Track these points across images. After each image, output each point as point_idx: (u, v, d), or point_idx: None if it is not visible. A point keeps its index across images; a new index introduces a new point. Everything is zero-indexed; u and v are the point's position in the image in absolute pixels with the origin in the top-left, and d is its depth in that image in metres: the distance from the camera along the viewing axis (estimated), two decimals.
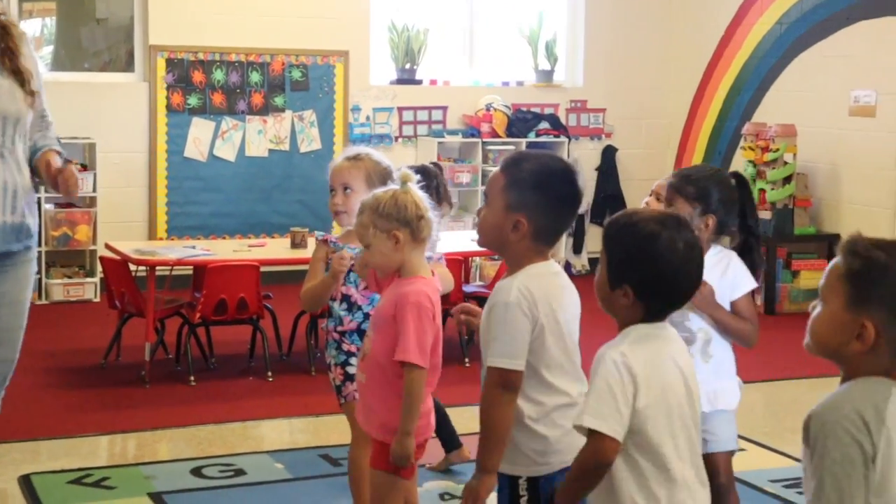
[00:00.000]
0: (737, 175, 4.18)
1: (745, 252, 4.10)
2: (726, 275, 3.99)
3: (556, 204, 3.14)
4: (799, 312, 9.26)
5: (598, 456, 2.70)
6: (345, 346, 4.33)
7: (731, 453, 4.17)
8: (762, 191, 9.42)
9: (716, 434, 4.05)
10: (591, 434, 2.69)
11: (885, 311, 2.28)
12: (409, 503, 3.95)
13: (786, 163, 9.35)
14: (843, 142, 9.35)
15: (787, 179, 9.37)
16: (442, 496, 5.18)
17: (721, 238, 4.10)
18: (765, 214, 9.41)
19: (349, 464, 4.38)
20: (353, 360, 4.26)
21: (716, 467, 4.06)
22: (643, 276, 2.73)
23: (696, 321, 3.97)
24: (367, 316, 4.29)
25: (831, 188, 9.50)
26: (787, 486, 5.36)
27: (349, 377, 4.30)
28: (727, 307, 4.00)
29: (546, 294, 3.10)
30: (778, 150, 9.32)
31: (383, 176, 4.40)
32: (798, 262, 9.44)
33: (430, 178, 5.46)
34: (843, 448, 2.26)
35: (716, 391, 4.00)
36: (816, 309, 2.40)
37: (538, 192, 3.12)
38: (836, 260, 2.37)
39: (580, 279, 6.06)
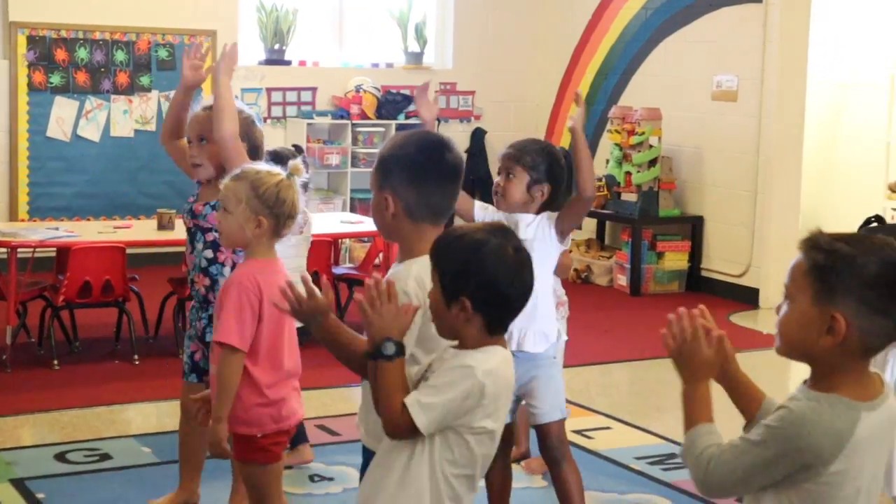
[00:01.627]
0: (566, 152, 4.42)
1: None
2: (553, 230, 4.22)
3: (417, 177, 3.03)
4: (664, 293, 9.44)
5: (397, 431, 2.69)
6: None
7: (560, 422, 4.27)
8: (628, 173, 9.57)
9: (538, 406, 4.21)
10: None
11: (854, 302, 2.25)
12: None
13: (651, 146, 9.50)
14: (707, 126, 9.54)
15: (653, 162, 9.52)
16: (311, 477, 5.16)
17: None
18: (630, 197, 9.57)
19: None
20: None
21: (544, 437, 4.20)
22: (479, 283, 2.64)
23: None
24: None
25: (695, 171, 9.68)
26: (651, 463, 5.46)
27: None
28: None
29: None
30: (643, 133, 9.47)
31: (243, 126, 4.36)
32: (663, 243, 9.61)
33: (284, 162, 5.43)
34: (781, 447, 2.28)
35: (524, 331, 4.14)
36: (783, 309, 2.36)
37: (398, 167, 3.04)
38: (798, 257, 2.34)
39: None
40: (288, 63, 10.34)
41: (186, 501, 4.69)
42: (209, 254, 4.39)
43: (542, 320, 4.18)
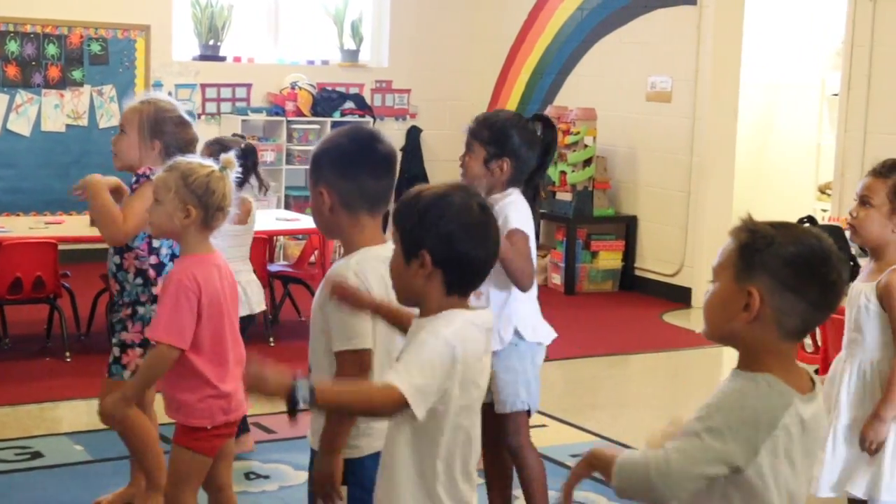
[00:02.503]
0: (542, 118, 4.21)
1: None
2: (504, 210, 3.95)
3: (350, 167, 3.04)
4: (598, 292, 9.50)
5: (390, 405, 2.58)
6: None
7: (522, 413, 4.18)
8: (563, 173, 9.61)
9: (498, 394, 4.11)
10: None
11: (768, 278, 2.30)
12: (223, 485, 3.93)
13: (586, 146, 9.56)
14: (641, 126, 9.61)
15: (587, 162, 9.58)
16: (247, 475, 5.13)
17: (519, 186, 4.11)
18: (565, 196, 9.61)
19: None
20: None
21: (502, 428, 4.14)
22: (438, 235, 2.59)
23: None
24: None
25: (629, 171, 9.75)
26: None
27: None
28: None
29: (380, 277, 3.00)
30: (578, 133, 9.52)
31: (153, 124, 4.34)
32: (597, 242, 9.66)
33: (248, 157, 5.42)
34: (728, 421, 2.27)
35: (500, 323, 4.04)
36: (709, 289, 2.41)
37: (329, 160, 3.07)
38: (727, 241, 2.38)
39: None
40: (223, 59, 10.27)
41: (136, 495, 4.66)
42: (117, 259, 4.38)
43: (511, 315, 4.10)
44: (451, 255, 2.60)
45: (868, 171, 3.87)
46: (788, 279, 2.30)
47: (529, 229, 4.06)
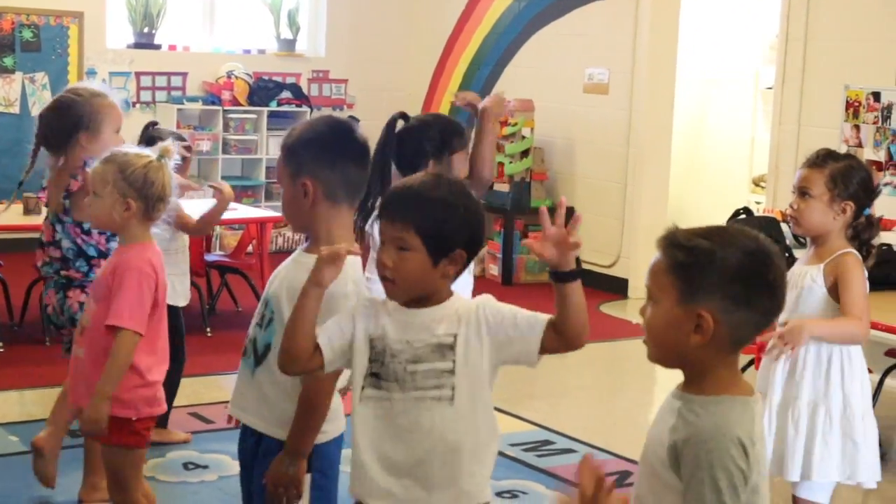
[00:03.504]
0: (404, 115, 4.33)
1: None
2: None
3: (334, 156, 3.02)
4: (535, 283, 9.53)
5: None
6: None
7: None
8: (500, 164, 9.63)
9: None
10: None
11: (719, 297, 2.19)
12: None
13: (523, 137, 9.58)
14: (578, 118, 9.65)
15: (525, 153, 9.60)
16: (186, 465, 5.10)
17: None
18: (502, 187, 9.63)
19: None
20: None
21: None
22: (472, 236, 2.67)
23: None
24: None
25: (566, 162, 9.78)
26: (526, 450, 5.51)
27: None
28: None
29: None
30: (516, 124, 9.54)
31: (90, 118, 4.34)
32: (535, 234, 9.66)
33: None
34: (731, 478, 2.15)
35: None
36: (648, 311, 2.29)
37: (311, 151, 3.02)
38: (656, 256, 2.27)
39: None
40: (157, 47, 10.17)
41: (90, 493, 4.60)
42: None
43: None
44: (477, 243, 2.70)
45: (803, 163, 3.90)
46: (738, 294, 2.20)
47: None
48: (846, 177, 3.78)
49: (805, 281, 3.83)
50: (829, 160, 3.83)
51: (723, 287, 2.19)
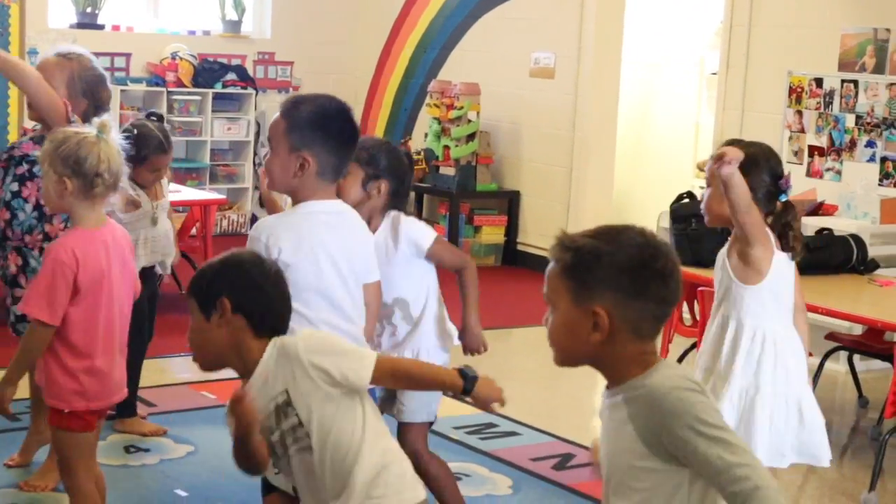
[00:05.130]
0: (407, 154, 4.28)
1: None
2: (399, 238, 3.99)
3: (337, 141, 3.32)
4: (481, 267, 9.45)
5: None
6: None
7: (424, 424, 4.19)
8: (446, 147, 9.62)
9: (405, 404, 4.12)
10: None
11: (611, 292, 2.23)
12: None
13: (469, 121, 9.58)
14: (524, 102, 9.66)
15: (471, 137, 9.60)
16: (127, 448, 5.07)
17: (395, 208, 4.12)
18: (448, 171, 9.63)
19: None
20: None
21: (403, 434, 4.12)
22: (236, 285, 2.80)
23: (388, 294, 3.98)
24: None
25: (512, 146, 9.80)
26: (469, 433, 5.53)
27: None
28: (414, 268, 4.04)
29: (297, 229, 3.17)
30: (462, 107, 9.53)
31: (91, 83, 4.26)
32: (480, 217, 9.70)
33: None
34: (711, 415, 2.19)
35: (417, 345, 4.09)
36: (549, 319, 2.33)
37: (319, 130, 3.29)
38: (550, 264, 2.32)
39: None
40: (101, 27, 10.07)
41: (40, 441, 4.57)
42: (14, 187, 4.29)
43: (428, 335, 4.14)
44: (249, 300, 2.80)
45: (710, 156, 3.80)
46: (630, 287, 2.24)
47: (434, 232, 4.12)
48: (754, 166, 3.72)
49: (720, 264, 3.84)
50: None
51: (612, 282, 2.23)
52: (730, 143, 3.81)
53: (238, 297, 2.76)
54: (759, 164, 3.78)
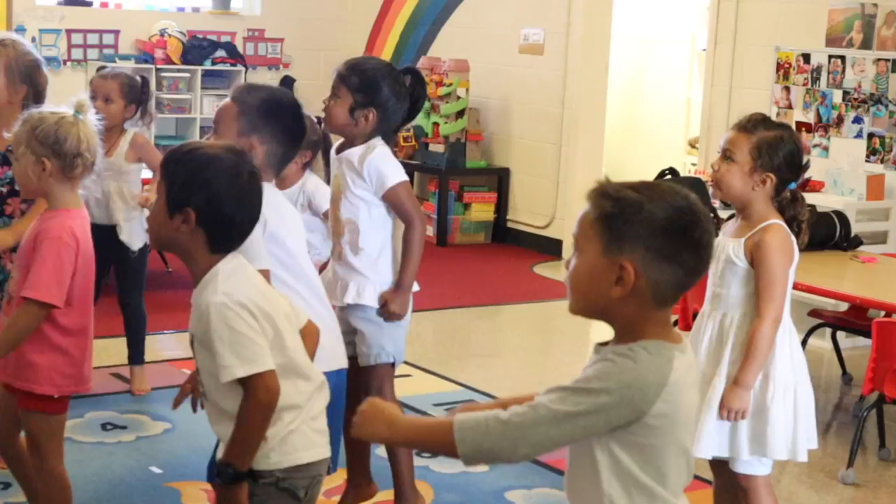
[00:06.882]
0: (413, 71, 4.14)
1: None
2: (366, 166, 3.93)
3: (284, 133, 3.35)
4: (469, 244, 9.53)
5: (270, 393, 2.71)
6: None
7: (386, 366, 4.10)
8: (436, 124, 9.59)
9: (363, 346, 4.06)
10: (252, 379, 2.69)
11: (642, 250, 2.17)
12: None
13: (459, 97, 9.54)
14: (514, 78, 9.62)
15: (460, 114, 9.57)
16: (104, 426, 5.06)
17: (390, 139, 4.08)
18: (437, 148, 9.60)
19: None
20: None
21: (365, 381, 4.06)
22: (206, 197, 2.72)
23: (345, 211, 3.97)
24: None
25: (502, 123, 9.76)
26: (449, 409, 5.49)
27: None
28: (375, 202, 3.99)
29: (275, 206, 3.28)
30: (451, 84, 9.50)
31: (27, 68, 4.21)
32: (469, 194, 9.68)
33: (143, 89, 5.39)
34: (609, 392, 2.16)
35: (363, 284, 4.01)
36: (572, 262, 2.26)
37: (269, 118, 3.31)
38: (585, 207, 2.25)
39: None
40: (89, 4, 10.02)
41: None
42: None
43: (384, 273, 4.06)
44: (215, 217, 2.74)
45: (733, 125, 3.76)
46: (663, 248, 2.18)
47: (405, 176, 4.03)
48: (773, 148, 3.64)
49: (727, 254, 3.70)
50: (759, 127, 3.68)
51: (647, 240, 2.17)
52: (756, 120, 3.70)
53: (205, 215, 2.72)
54: (780, 148, 3.66)
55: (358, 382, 4.04)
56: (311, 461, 2.83)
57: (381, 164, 3.94)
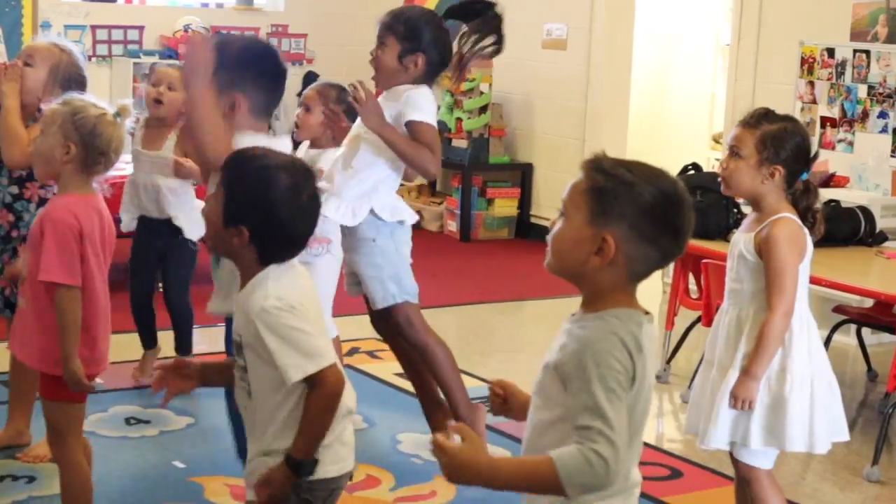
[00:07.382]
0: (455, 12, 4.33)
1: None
2: (408, 101, 4.09)
3: (264, 79, 3.38)
4: (493, 239, 9.52)
5: (339, 384, 2.76)
6: None
7: (403, 305, 4.16)
8: (459, 120, 9.60)
9: (369, 293, 4.14)
10: (321, 372, 2.72)
11: (626, 227, 2.27)
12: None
13: (482, 93, 9.54)
14: (537, 73, 9.61)
15: (483, 109, 9.57)
16: (128, 420, 5.08)
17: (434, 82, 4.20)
18: (461, 143, 9.60)
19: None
20: None
21: (393, 324, 4.11)
22: (263, 217, 2.73)
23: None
24: None
25: (525, 118, 9.76)
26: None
27: None
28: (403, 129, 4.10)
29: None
30: (474, 79, 9.49)
31: (71, 79, 4.28)
32: (492, 190, 9.68)
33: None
34: (617, 376, 2.23)
35: (357, 201, 4.07)
36: (556, 225, 2.37)
37: (247, 68, 3.36)
38: (579, 176, 2.35)
39: None
40: (114, 0, 10.05)
41: (14, 438, 4.57)
42: (14, 189, 4.28)
43: (360, 197, 4.12)
44: (269, 238, 2.75)
45: (738, 121, 3.75)
46: (645, 229, 2.29)
47: (435, 123, 4.16)
48: (778, 140, 3.63)
49: (739, 248, 3.72)
50: (763, 121, 3.67)
51: (632, 218, 2.28)
52: (759, 114, 3.70)
53: (258, 233, 2.74)
54: (786, 140, 3.65)
55: (387, 324, 4.16)
56: (335, 475, 2.85)
57: (420, 99, 4.11)
